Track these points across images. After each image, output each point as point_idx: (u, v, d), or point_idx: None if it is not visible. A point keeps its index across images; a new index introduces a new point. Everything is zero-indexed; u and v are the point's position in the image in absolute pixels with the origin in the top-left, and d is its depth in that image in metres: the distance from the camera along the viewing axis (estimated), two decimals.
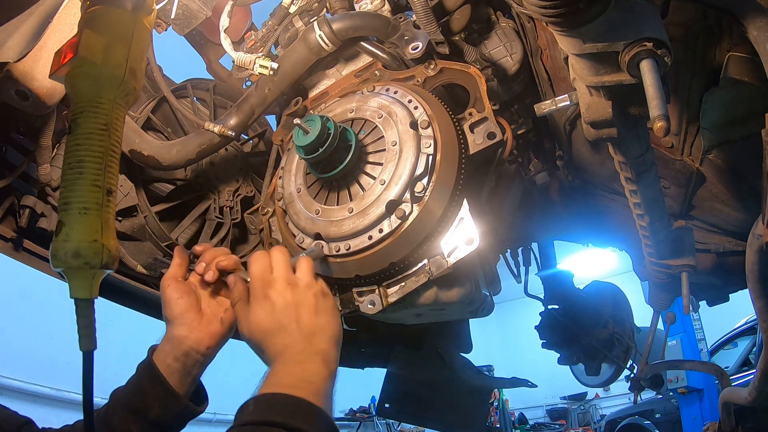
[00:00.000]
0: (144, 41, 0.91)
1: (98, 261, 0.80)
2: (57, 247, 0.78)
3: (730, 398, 2.57)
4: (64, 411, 6.02)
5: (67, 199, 0.79)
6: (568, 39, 1.00)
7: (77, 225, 0.78)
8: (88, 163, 0.80)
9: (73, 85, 0.84)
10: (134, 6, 0.89)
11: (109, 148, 0.82)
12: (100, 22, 0.86)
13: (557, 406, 13.70)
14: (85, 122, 0.82)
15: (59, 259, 0.78)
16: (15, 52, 1.33)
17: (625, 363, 3.47)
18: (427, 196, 1.24)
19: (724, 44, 1.39)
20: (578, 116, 1.78)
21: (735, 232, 2.08)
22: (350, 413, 10.71)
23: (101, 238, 0.80)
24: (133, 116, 1.95)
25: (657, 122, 0.87)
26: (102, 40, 0.85)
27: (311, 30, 1.57)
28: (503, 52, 1.76)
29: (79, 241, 0.78)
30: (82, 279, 0.81)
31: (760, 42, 0.98)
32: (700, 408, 6.57)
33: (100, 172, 0.80)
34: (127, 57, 0.87)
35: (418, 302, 1.34)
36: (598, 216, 2.43)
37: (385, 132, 1.30)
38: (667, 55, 0.95)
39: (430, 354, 3.10)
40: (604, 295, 3.60)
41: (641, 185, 1.54)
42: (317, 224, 1.32)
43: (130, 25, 0.89)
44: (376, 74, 1.56)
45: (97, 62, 0.83)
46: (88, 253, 0.79)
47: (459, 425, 3.44)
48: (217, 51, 2.39)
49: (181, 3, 1.92)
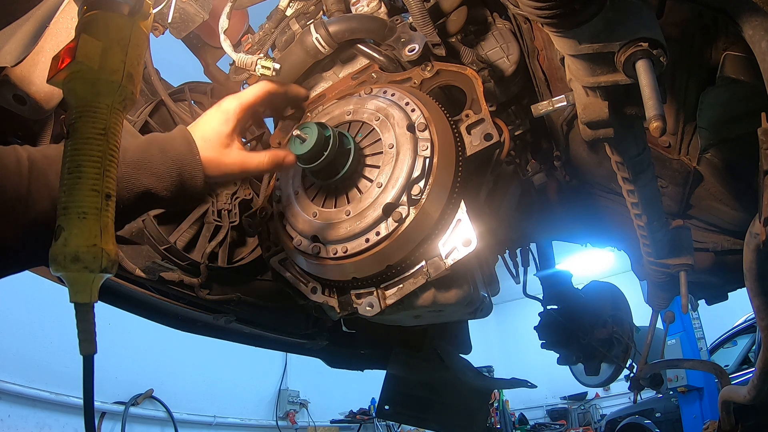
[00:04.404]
0: (141, 45, 0.91)
1: (97, 265, 0.79)
2: (56, 252, 0.78)
3: (729, 397, 2.57)
4: (64, 415, 6.01)
5: (65, 204, 0.79)
6: (564, 40, 1.01)
7: (76, 230, 0.78)
8: (86, 168, 0.80)
9: (70, 89, 0.84)
10: (131, 10, 0.89)
11: (107, 152, 0.82)
12: (97, 26, 0.86)
13: (557, 407, 13.70)
14: (83, 127, 0.82)
15: (58, 263, 0.78)
16: (12, 56, 1.34)
17: (625, 362, 3.47)
18: (424, 198, 1.24)
19: (719, 43, 1.40)
20: (575, 117, 1.78)
21: (733, 230, 2.09)
22: (350, 415, 10.69)
23: (100, 243, 0.80)
24: (130, 120, 1.95)
25: (653, 122, 0.88)
26: (99, 44, 0.85)
27: (308, 33, 1.58)
28: (500, 54, 1.77)
29: (77, 245, 0.78)
30: (82, 283, 0.81)
31: (755, 41, 0.99)
32: (700, 407, 6.58)
33: (99, 177, 0.80)
34: (124, 61, 0.87)
35: (417, 304, 1.34)
36: (597, 216, 2.43)
37: (382, 134, 1.31)
38: (663, 55, 0.95)
39: (429, 355, 3.10)
40: (603, 295, 3.60)
41: (638, 185, 1.54)
42: (315, 227, 1.32)
43: (127, 29, 0.89)
44: (373, 76, 1.57)
45: (95, 67, 0.84)
46: (87, 258, 0.79)
47: (459, 426, 3.44)
48: (214, 54, 2.39)
49: (178, 6, 1.92)
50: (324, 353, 2.99)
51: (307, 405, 10.29)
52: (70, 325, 0.80)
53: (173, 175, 1.09)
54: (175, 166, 1.09)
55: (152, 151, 1.08)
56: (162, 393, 7.49)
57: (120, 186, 0.99)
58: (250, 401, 9.35)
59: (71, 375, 5.73)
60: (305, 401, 10.27)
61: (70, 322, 0.79)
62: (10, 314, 5.76)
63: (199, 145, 1.13)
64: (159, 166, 1.07)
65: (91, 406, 0.85)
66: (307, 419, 10.24)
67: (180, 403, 7.72)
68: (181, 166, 1.10)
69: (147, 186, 1.06)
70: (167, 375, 7.63)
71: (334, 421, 10.63)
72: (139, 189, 1.05)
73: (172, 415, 7.49)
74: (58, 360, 5.87)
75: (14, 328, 5.82)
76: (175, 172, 1.09)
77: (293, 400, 10.05)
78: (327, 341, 2.78)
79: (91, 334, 0.84)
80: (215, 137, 1.16)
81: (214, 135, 1.16)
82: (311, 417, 10.26)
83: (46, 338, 5.97)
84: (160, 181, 1.07)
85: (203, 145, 1.14)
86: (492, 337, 14.19)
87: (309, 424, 10.22)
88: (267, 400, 9.80)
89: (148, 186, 1.06)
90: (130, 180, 1.04)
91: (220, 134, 1.16)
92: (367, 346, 3.10)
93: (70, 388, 5.98)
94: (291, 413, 9.91)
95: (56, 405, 5.98)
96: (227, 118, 1.18)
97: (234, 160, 1.18)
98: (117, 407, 6.80)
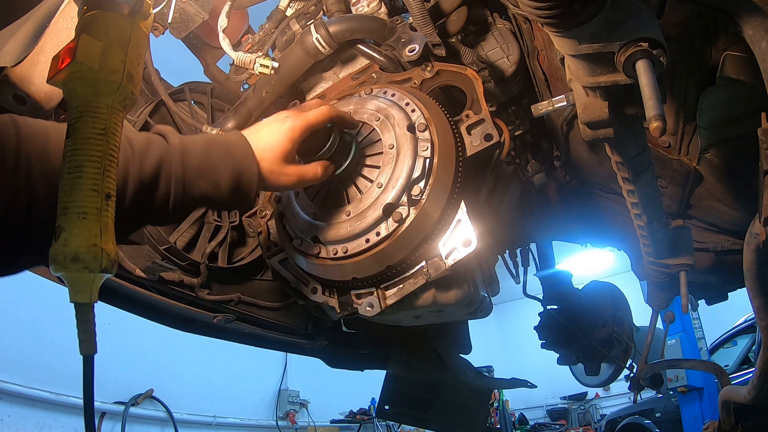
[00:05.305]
0: (141, 45, 0.91)
1: (97, 265, 0.79)
2: (56, 252, 0.78)
3: (729, 397, 2.57)
4: (64, 415, 6.01)
5: (65, 204, 0.79)
6: (564, 40, 1.01)
7: (76, 230, 0.78)
8: (86, 168, 0.80)
9: (70, 90, 0.84)
10: (131, 10, 0.89)
11: (107, 152, 0.82)
12: (97, 26, 0.86)
13: (557, 407, 13.69)
14: (83, 127, 0.82)
15: (58, 263, 0.78)
16: (12, 56, 1.34)
17: (625, 362, 3.47)
18: (424, 198, 1.24)
19: (719, 43, 1.40)
20: (575, 117, 1.78)
21: (733, 230, 2.09)
22: (350, 415, 10.69)
23: (100, 243, 0.80)
24: (130, 120, 1.95)
25: (653, 122, 0.88)
26: (99, 44, 0.85)
27: (308, 33, 1.58)
28: (500, 54, 1.77)
29: (77, 245, 0.78)
30: (82, 283, 0.81)
31: (755, 41, 0.99)
32: (700, 407, 6.57)
33: (99, 177, 0.80)
34: (124, 61, 0.87)
35: (417, 304, 1.34)
36: (596, 216, 2.43)
37: (382, 135, 1.31)
38: (663, 55, 0.95)
39: (429, 355, 3.10)
40: (603, 295, 3.60)
41: (638, 185, 1.54)
42: (315, 227, 1.32)
43: (127, 29, 0.89)
44: (373, 77, 1.57)
45: (95, 67, 0.83)
46: (87, 258, 0.79)
47: (459, 426, 3.44)
48: (214, 54, 2.39)
49: (178, 6, 1.92)
50: (324, 353, 2.99)
51: (307, 405, 10.29)
52: (70, 325, 0.80)
53: (232, 185, 1.10)
54: (234, 177, 1.10)
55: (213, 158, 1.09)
56: (162, 393, 7.48)
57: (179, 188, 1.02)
58: (250, 401, 9.35)
59: (71, 375, 5.73)
60: (305, 401, 10.27)
61: (71, 322, 0.79)
62: (10, 314, 5.76)
63: (260, 156, 1.14)
64: (220, 174, 1.08)
65: (91, 406, 0.85)
66: (307, 419, 10.24)
67: (180, 403, 7.72)
68: (239, 177, 1.11)
69: (205, 192, 1.07)
70: (167, 375, 7.63)
71: (334, 421, 10.62)
72: (198, 194, 1.07)
73: (172, 415, 7.49)
74: (58, 360, 5.86)
75: (14, 328, 5.82)
76: (234, 183, 1.10)
77: (293, 400, 10.05)
78: (327, 341, 2.78)
79: (91, 334, 0.84)
80: (278, 152, 1.16)
81: (278, 150, 1.16)
82: (311, 417, 10.26)
83: (46, 338, 5.97)
84: (218, 189, 1.09)
85: (265, 157, 1.15)
86: (492, 337, 14.19)
87: (309, 424, 10.22)
88: (267, 400, 9.80)
89: (207, 192, 1.08)
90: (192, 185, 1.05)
91: (284, 150, 1.17)
92: (367, 346, 3.10)
93: (70, 388, 5.98)
94: (291, 413, 9.91)
95: (56, 405, 5.98)
96: (292, 137, 1.18)
97: (292, 173, 1.19)
98: (117, 407, 6.80)
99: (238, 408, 8.99)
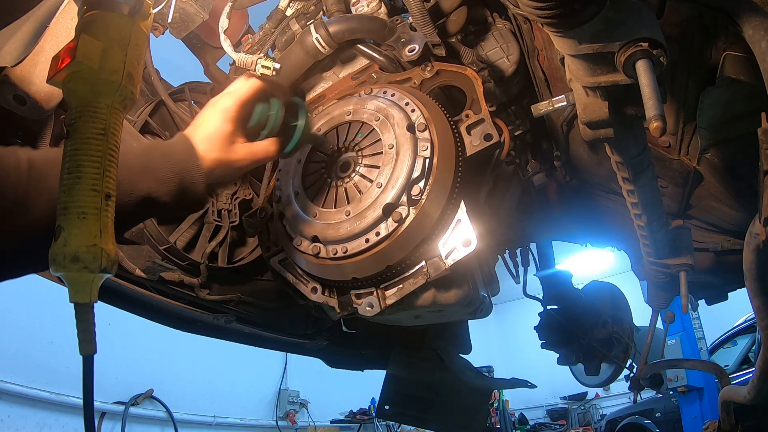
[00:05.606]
0: (141, 45, 0.91)
1: (97, 265, 0.79)
2: (56, 252, 0.78)
3: (729, 397, 2.57)
4: (64, 415, 6.01)
5: (65, 204, 0.79)
6: (564, 40, 1.01)
7: (76, 229, 0.78)
8: (86, 168, 0.80)
9: (70, 89, 0.84)
10: (131, 10, 0.89)
11: (107, 152, 0.82)
12: (97, 26, 0.86)
13: (557, 407, 13.69)
14: (83, 127, 0.82)
15: (58, 263, 0.78)
16: (12, 56, 1.34)
17: (625, 362, 3.47)
18: (424, 198, 1.24)
19: (720, 43, 1.40)
20: (575, 117, 1.78)
21: (733, 230, 2.09)
22: (350, 415, 10.69)
23: (100, 243, 0.80)
24: (130, 120, 1.95)
25: (653, 122, 0.88)
26: (99, 44, 0.85)
27: (308, 33, 1.58)
28: (500, 54, 1.77)
29: (77, 245, 0.78)
30: (82, 283, 0.81)
31: (755, 41, 0.99)
32: (700, 407, 6.57)
33: (99, 177, 0.81)
34: (124, 61, 0.87)
35: (417, 304, 1.34)
36: (597, 216, 2.43)
37: (382, 135, 1.31)
38: (663, 55, 0.95)
39: (429, 355, 3.10)
40: (603, 295, 3.60)
41: (638, 185, 1.54)
42: (315, 227, 1.32)
43: (127, 29, 0.89)
44: (373, 77, 1.57)
45: (95, 67, 0.84)
46: (87, 258, 0.79)
47: (459, 426, 3.44)
48: (214, 54, 2.39)
49: (178, 6, 1.92)
50: (324, 353, 3.00)
51: (307, 405, 10.29)
52: (70, 325, 0.80)
53: (174, 180, 1.07)
54: (176, 171, 1.08)
55: (153, 155, 1.07)
56: (162, 393, 7.48)
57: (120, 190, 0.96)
58: (250, 401, 9.34)
59: (71, 375, 5.73)
60: (305, 401, 10.27)
61: (70, 322, 0.79)
62: (10, 314, 5.76)
63: (203, 147, 1.13)
64: (160, 170, 1.06)
65: (90, 406, 0.85)
66: (307, 419, 10.23)
67: (180, 403, 7.71)
68: (182, 171, 1.09)
69: (148, 191, 1.04)
70: (167, 375, 7.63)
71: (334, 421, 10.62)
72: (140, 194, 1.04)
73: (172, 415, 7.49)
74: (58, 360, 5.86)
75: (14, 328, 5.82)
76: (177, 177, 1.08)
77: (293, 400, 10.04)
78: (327, 341, 2.78)
79: (91, 334, 0.84)
80: (220, 137, 1.15)
81: (219, 134, 1.15)
82: (311, 417, 10.25)
83: (46, 338, 5.97)
84: (161, 186, 1.06)
85: (209, 147, 1.14)
86: (492, 337, 14.19)
87: (309, 424, 10.21)
88: (267, 400, 9.80)
89: (149, 191, 1.05)
90: (131, 184, 1.02)
91: (225, 133, 1.16)
92: (367, 346, 3.10)
93: (70, 388, 5.98)
94: (291, 413, 9.91)
95: (56, 405, 5.97)
96: (228, 117, 1.17)
97: (242, 155, 1.18)
98: (117, 407, 6.79)
99: (238, 408, 8.99)
